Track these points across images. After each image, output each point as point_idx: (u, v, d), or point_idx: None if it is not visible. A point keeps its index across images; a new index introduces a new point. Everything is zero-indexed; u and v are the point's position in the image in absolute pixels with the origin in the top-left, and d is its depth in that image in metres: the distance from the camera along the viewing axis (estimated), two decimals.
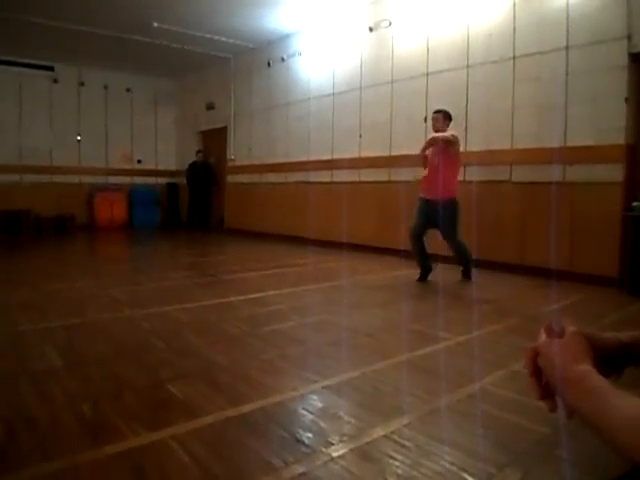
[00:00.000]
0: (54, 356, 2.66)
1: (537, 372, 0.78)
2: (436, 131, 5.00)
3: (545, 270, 4.96)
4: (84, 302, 4.01)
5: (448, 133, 4.91)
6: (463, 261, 5.03)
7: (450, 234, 4.90)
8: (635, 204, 4.50)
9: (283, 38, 8.83)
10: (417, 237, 5.01)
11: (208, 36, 8.67)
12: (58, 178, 10.67)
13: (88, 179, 11.11)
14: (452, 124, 5.08)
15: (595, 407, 0.65)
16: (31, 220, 10.00)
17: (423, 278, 5.02)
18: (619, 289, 4.60)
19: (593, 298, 4.37)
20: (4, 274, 5.51)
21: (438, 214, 4.82)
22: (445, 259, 5.31)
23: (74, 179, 10.92)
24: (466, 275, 5.02)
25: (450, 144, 4.83)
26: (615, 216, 4.72)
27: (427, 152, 4.97)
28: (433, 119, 5.09)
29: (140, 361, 2.65)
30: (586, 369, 0.70)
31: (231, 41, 9.00)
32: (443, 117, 5.02)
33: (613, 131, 4.73)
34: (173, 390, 2.22)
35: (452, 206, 4.87)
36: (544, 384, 0.77)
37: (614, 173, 4.76)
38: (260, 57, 9.41)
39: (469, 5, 5.91)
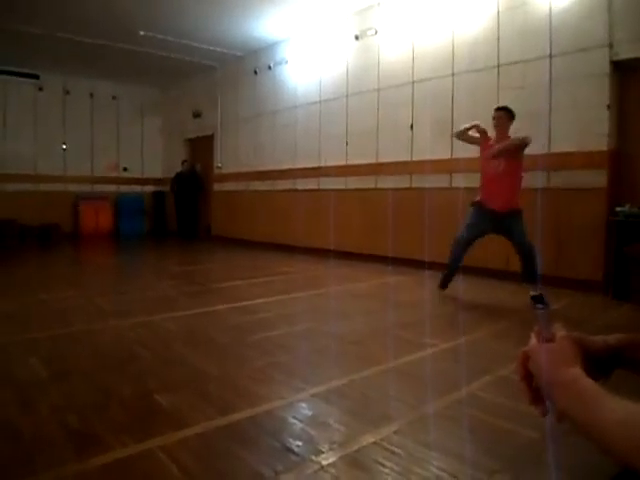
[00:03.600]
0: (39, 367, 2.62)
1: (527, 376, 0.79)
2: (499, 132, 4.51)
3: None
4: (69, 312, 3.97)
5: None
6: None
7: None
8: (619, 209, 4.56)
9: (270, 46, 8.85)
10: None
11: (195, 44, 8.66)
12: (43, 187, 10.56)
13: (73, 187, 11.01)
14: (439, 131, 5.08)
15: (585, 410, 0.65)
16: (15, 229, 9.87)
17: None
18: (604, 294, 4.65)
19: (579, 303, 4.42)
20: None
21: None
22: (434, 266, 5.33)
23: (59, 187, 10.81)
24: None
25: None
26: (599, 221, 4.78)
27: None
28: (496, 118, 4.53)
29: (126, 371, 2.62)
30: (576, 373, 0.71)
31: (218, 49, 9.00)
32: (506, 117, 4.49)
33: (596, 137, 4.80)
34: (160, 400, 2.20)
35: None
36: (534, 388, 0.77)
37: (598, 179, 4.82)
38: (247, 65, 9.43)
39: (454, 14, 5.97)
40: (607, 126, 4.75)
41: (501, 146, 4.39)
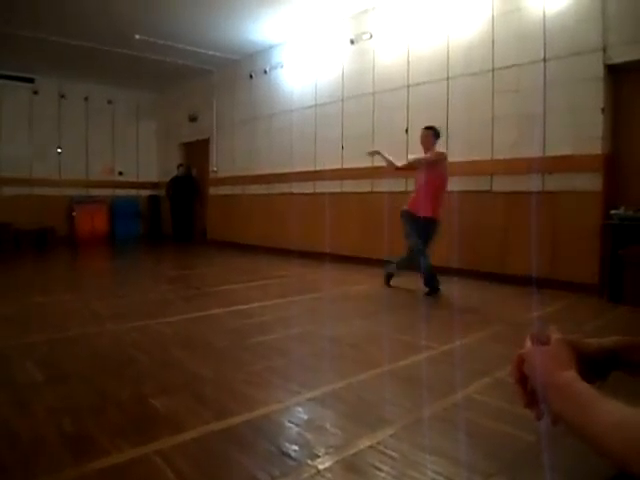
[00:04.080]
0: (35, 371, 2.61)
1: (523, 379, 0.79)
2: (425, 149, 5.07)
3: (526, 278, 5.00)
4: (65, 316, 3.96)
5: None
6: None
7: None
8: (613, 212, 4.58)
9: (265, 50, 8.87)
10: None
11: (190, 48, 8.66)
12: (38, 190, 10.53)
13: (69, 191, 10.97)
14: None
15: (580, 413, 0.65)
16: (10, 233, 9.83)
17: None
18: (599, 296, 4.66)
19: (574, 305, 4.43)
20: None
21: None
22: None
23: (54, 191, 10.77)
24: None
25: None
26: (594, 224, 4.79)
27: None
28: (421, 136, 5.11)
29: (123, 375, 2.61)
30: (571, 376, 0.71)
31: (214, 53, 9.00)
32: (431, 135, 5.06)
33: (591, 141, 4.82)
34: (157, 404, 2.19)
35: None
36: (530, 391, 0.78)
37: (593, 182, 4.84)
38: (242, 69, 9.44)
39: (449, 18, 6.00)
40: (602, 129, 4.78)
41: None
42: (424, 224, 4.95)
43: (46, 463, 1.69)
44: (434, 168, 4.98)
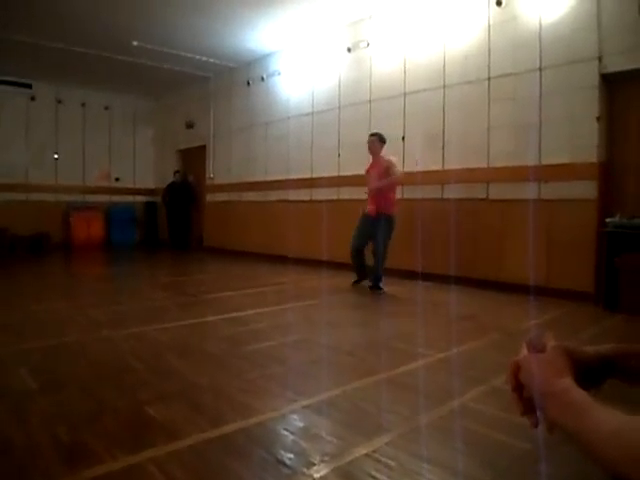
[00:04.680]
0: (29, 378, 2.59)
1: (519, 387, 0.79)
2: (373, 154, 5.66)
3: (522, 286, 5.02)
4: (61, 323, 3.94)
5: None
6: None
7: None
8: (609, 220, 4.60)
9: (263, 58, 8.90)
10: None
11: (188, 55, 8.70)
12: (34, 196, 10.52)
13: (65, 197, 10.97)
14: (431, 143, 5.16)
15: (576, 421, 0.65)
16: (7, 239, 9.81)
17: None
18: (595, 304, 4.67)
19: (570, 313, 4.43)
20: None
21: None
22: (426, 277, 5.34)
23: (50, 197, 10.77)
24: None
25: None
26: (590, 232, 4.81)
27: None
28: (369, 142, 5.67)
29: (118, 383, 2.60)
30: (567, 383, 0.71)
31: (211, 60, 9.03)
32: (378, 141, 5.62)
33: (586, 149, 4.85)
34: (152, 412, 2.18)
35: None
36: (526, 399, 0.78)
37: (588, 190, 4.86)
38: (240, 76, 9.47)
39: (445, 27, 6.04)
40: (597, 138, 4.81)
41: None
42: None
43: (40, 471, 1.67)
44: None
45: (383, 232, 5.42)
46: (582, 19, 4.87)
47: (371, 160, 5.74)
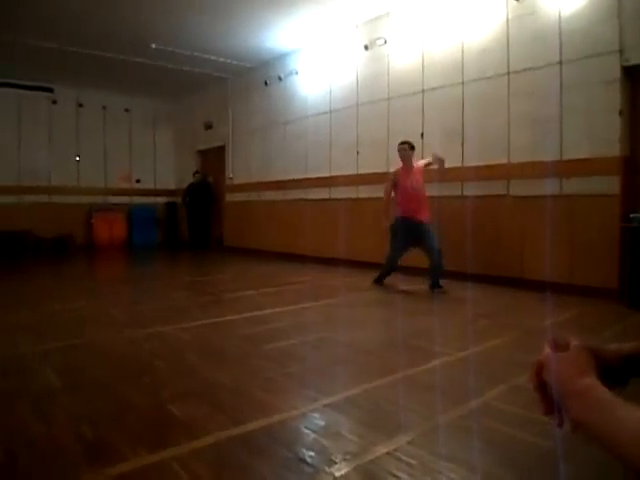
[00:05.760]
0: (53, 378, 2.64)
1: (542, 386, 0.78)
2: (405, 161, 5.55)
3: (544, 283, 4.95)
4: (84, 323, 4.00)
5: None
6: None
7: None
8: (633, 216, 4.52)
9: (280, 57, 8.92)
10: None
11: (206, 57, 8.76)
12: (57, 198, 10.70)
13: (87, 199, 11.14)
14: (449, 139, 5.12)
15: (601, 420, 0.64)
16: (30, 241, 10.00)
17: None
18: (619, 301, 4.59)
19: (593, 311, 4.37)
20: (4, 295, 5.48)
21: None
22: (446, 275, 5.31)
23: (73, 199, 10.95)
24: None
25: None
26: (613, 228, 4.73)
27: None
28: (400, 150, 5.58)
29: (140, 382, 2.63)
30: (591, 382, 0.70)
31: (229, 61, 9.08)
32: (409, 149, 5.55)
33: (608, 143, 4.77)
34: (174, 410, 2.20)
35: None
36: (549, 398, 0.77)
37: (611, 185, 4.78)
38: (257, 76, 9.50)
39: (463, 22, 5.99)
40: (619, 132, 4.72)
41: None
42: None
43: (65, 468, 1.71)
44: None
45: (434, 235, 5.30)
46: (602, 11, 4.78)
47: (401, 167, 5.59)
